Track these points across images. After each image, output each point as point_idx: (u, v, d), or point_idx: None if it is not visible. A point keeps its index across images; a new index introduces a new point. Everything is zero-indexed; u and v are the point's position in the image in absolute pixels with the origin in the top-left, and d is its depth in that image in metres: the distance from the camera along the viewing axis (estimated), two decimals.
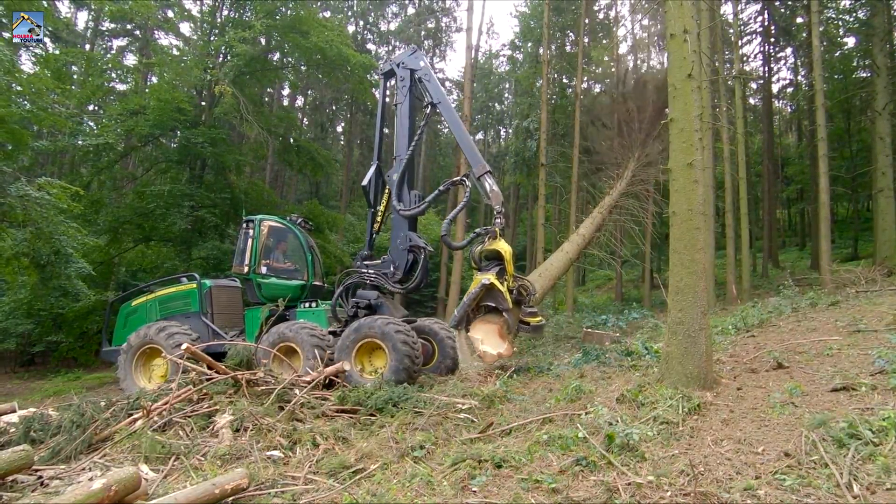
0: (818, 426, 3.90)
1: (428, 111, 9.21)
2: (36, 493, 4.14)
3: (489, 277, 7.71)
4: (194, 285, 9.42)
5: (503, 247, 7.93)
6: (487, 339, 7.69)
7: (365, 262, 9.12)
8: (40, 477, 4.45)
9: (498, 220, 8.17)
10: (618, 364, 7.45)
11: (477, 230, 8.70)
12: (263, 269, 9.22)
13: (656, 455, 3.99)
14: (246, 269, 9.16)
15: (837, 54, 23.02)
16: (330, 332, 8.46)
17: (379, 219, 9.35)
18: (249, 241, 9.24)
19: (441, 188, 9.23)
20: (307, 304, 9.25)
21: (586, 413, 5.01)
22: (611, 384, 6.20)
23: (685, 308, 5.59)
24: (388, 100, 10.18)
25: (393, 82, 9.79)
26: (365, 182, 9.63)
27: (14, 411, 6.50)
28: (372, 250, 9.42)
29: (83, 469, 4.68)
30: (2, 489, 4.15)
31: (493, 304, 7.77)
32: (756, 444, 3.95)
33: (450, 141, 35.40)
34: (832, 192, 17.11)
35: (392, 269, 8.81)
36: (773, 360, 6.11)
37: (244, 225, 9.46)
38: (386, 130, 11.37)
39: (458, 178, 9.08)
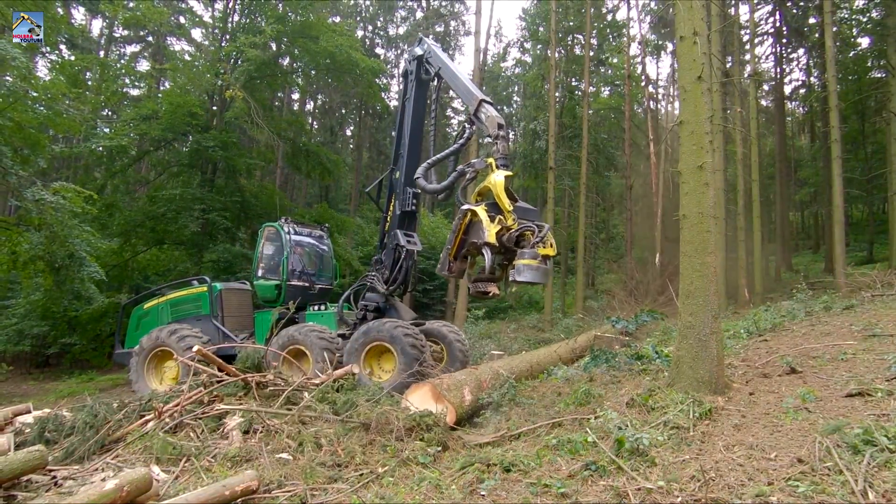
0: (832, 432, 3.83)
1: (436, 83, 8.80)
2: (50, 493, 4.21)
3: (471, 205, 6.11)
4: (205, 288, 9.57)
5: (492, 179, 6.09)
6: (423, 403, 5.94)
7: (376, 266, 9.18)
8: (54, 477, 4.51)
9: (494, 148, 6.45)
10: (627, 368, 7.38)
11: (460, 167, 6.83)
12: (259, 273, 9.59)
13: (667, 460, 3.95)
14: (252, 273, 9.62)
15: (851, 55, 22.73)
16: (339, 335, 8.51)
17: (389, 221, 9.39)
18: (257, 247, 9.79)
19: (450, 150, 7.50)
20: (316, 307, 9.33)
21: (596, 417, 4.97)
22: (620, 388, 6.14)
23: (696, 312, 5.54)
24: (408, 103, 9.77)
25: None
26: (368, 189, 9.75)
27: (29, 412, 6.61)
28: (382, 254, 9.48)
29: (96, 469, 4.74)
30: (17, 489, 4.22)
31: (476, 241, 6.00)
32: (769, 450, 3.89)
33: None
34: (846, 194, 16.88)
35: (382, 268, 8.87)
36: (787, 365, 6.02)
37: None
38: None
39: (460, 132, 7.38)
